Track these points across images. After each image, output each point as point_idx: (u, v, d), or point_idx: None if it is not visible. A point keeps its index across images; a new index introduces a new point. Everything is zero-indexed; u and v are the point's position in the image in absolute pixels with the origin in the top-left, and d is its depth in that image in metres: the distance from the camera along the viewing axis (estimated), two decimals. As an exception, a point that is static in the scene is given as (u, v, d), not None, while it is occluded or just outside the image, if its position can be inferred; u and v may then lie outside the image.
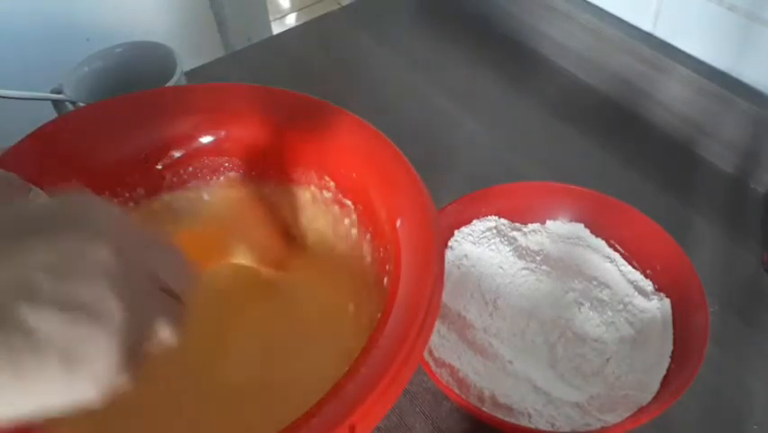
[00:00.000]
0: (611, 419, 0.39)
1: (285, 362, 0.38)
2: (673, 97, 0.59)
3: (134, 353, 0.23)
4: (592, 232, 0.49)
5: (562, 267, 0.47)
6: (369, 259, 0.39)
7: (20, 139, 0.39)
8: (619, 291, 0.46)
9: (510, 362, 0.42)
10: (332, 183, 0.42)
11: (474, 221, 0.50)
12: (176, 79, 0.54)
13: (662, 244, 0.45)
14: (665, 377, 0.41)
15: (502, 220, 0.50)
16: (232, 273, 0.42)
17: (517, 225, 0.50)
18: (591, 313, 0.44)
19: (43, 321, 0.21)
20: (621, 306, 0.45)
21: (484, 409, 0.40)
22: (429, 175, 0.37)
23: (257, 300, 0.41)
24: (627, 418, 0.39)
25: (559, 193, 0.50)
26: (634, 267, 0.47)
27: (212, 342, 0.39)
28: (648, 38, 0.61)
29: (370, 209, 0.39)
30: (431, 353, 0.43)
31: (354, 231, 0.41)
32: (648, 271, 0.47)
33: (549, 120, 0.64)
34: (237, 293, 0.42)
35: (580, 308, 0.44)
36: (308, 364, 0.37)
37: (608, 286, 0.46)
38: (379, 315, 0.32)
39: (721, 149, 0.57)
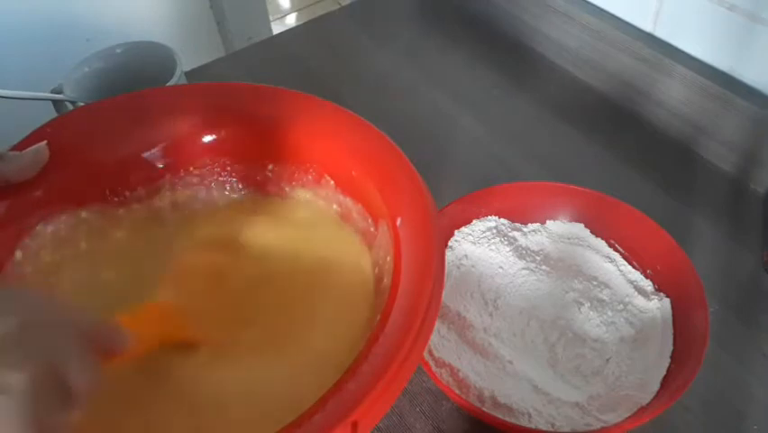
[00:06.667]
0: (611, 419, 0.39)
1: (278, 358, 0.37)
2: (673, 97, 0.59)
3: (46, 423, 0.24)
4: (592, 232, 0.49)
5: (562, 267, 0.47)
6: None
7: (20, 139, 0.39)
8: (619, 291, 0.46)
9: (510, 362, 0.42)
10: (332, 182, 0.42)
11: (474, 221, 0.50)
12: (176, 79, 0.54)
13: (662, 244, 0.45)
14: (665, 377, 0.41)
15: (502, 220, 0.50)
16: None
17: (517, 225, 0.50)
18: (591, 313, 0.44)
19: None
20: (621, 306, 0.45)
21: (484, 409, 0.40)
22: (429, 175, 0.37)
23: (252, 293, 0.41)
24: (627, 418, 0.39)
25: (559, 193, 0.50)
26: (634, 267, 0.47)
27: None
28: (648, 38, 0.61)
29: (371, 208, 0.39)
30: (431, 353, 0.43)
31: (354, 230, 0.41)
32: (648, 271, 0.47)
33: (549, 120, 0.65)
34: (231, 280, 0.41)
35: (580, 308, 0.44)
36: (305, 363, 0.37)
37: (608, 286, 0.46)
38: (378, 315, 0.32)
39: (721, 149, 0.57)
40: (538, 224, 0.50)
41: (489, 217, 0.50)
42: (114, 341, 0.30)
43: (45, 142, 0.38)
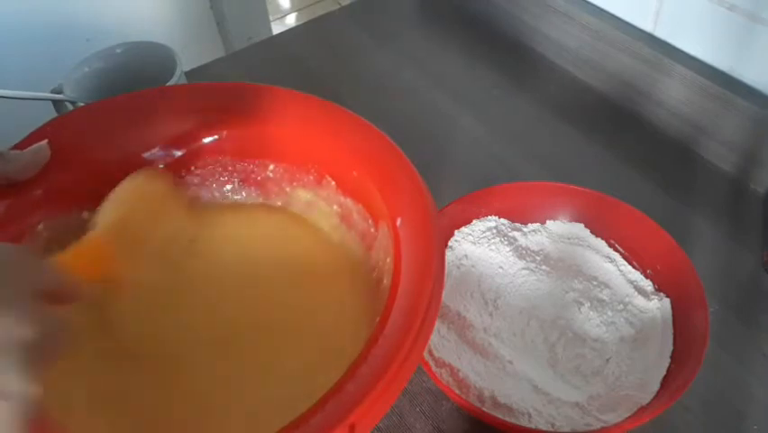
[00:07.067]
0: (611, 419, 0.39)
1: (278, 358, 0.37)
2: (673, 97, 0.59)
3: (35, 363, 0.25)
4: (592, 232, 0.49)
5: (562, 267, 0.47)
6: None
7: (20, 139, 0.39)
8: (619, 291, 0.46)
9: (510, 362, 0.42)
10: (333, 183, 0.42)
11: (474, 221, 0.50)
12: (176, 79, 0.54)
13: (662, 244, 0.45)
14: (665, 377, 0.41)
15: (502, 220, 0.50)
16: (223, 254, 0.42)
17: (517, 225, 0.50)
18: (591, 313, 0.44)
19: None
20: (621, 306, 0.45)
21: (484, 409, 0.40)
22: (429, 175, 0.37)
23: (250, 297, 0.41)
24: (627, 418, 0.39)
25: (559, 193, 0.50)
26: (634, 267, 0.47)
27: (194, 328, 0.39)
28: (648, 38, 0.61)
29: (371, 208, 0.39)
30: (431, 353, 0.43)
31: (354, 230, 0.41)
32: (648, 271, 0.47)
33: (549, 120, 0.65)
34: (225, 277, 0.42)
35: (580, 308, 0.44)
36: (305, 363, 0.37)
37: (608, 286, 0.46)
38: (378, 315, 0.32)
39: (721, 149, 0.57)
40: (538, 224, 0.50)
41: (489, 217, 0.50)
42: (67, 289, 0.31)
43: (46, 140, 0.38)
